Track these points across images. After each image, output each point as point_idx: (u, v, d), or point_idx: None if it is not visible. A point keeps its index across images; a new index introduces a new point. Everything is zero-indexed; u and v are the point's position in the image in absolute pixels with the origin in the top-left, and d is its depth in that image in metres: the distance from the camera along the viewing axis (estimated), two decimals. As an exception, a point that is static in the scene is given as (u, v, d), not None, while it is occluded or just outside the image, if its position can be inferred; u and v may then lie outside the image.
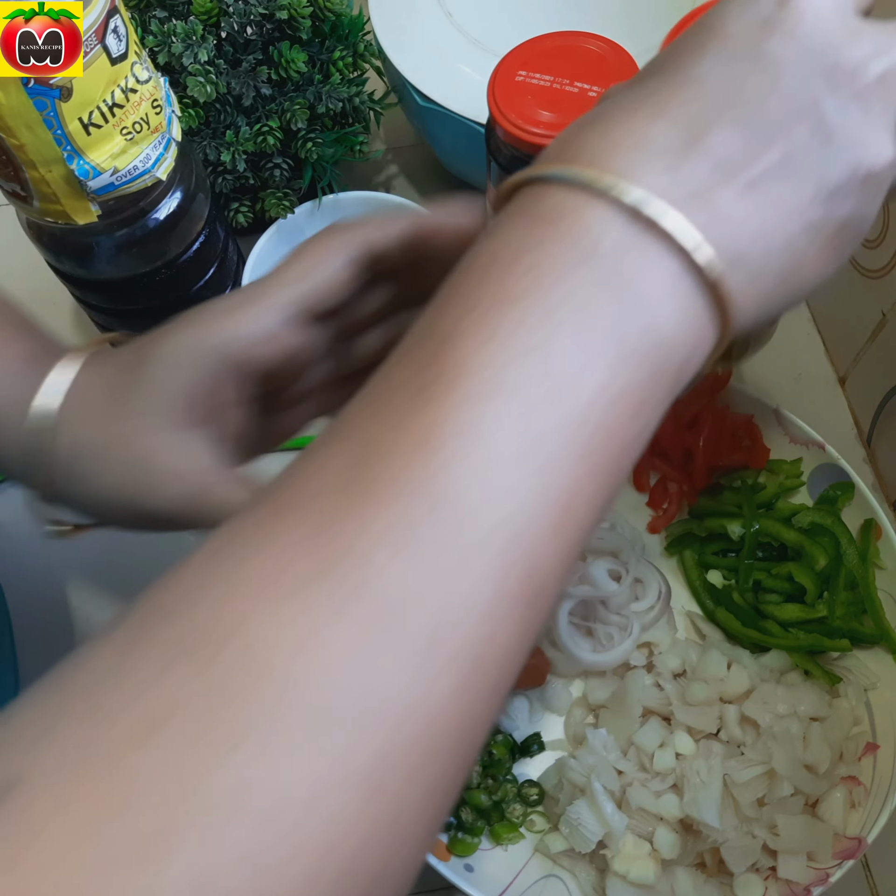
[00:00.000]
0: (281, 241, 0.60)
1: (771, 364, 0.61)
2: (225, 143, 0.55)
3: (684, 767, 0.44)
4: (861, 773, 0.45)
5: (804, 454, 0.52)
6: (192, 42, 0.51)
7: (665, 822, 0.44)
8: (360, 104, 0.58)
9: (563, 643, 0.50)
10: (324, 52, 0.56)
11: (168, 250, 0.49)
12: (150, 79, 0.43)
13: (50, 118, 0.39)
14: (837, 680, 0.48)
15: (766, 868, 0.44)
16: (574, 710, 0.50)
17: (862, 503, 0.50)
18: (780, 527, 0.51)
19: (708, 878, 0.44)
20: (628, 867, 0.43)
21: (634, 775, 0.45)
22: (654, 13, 0.57)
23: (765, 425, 0.53)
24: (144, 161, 0.43)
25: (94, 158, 0.41)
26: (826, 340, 0.62)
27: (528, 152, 0.44)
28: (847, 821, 0.44)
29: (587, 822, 0.43)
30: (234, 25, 0.52)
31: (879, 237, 0.53)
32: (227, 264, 0.56)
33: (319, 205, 0.60)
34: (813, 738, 0.44)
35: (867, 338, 0.56)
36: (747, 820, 0.43)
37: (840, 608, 0.48)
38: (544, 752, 0.49)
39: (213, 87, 0.52)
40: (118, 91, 0.40)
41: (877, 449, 0.58)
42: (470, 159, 0.58)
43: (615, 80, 0.44)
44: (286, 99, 0.55)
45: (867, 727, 0.47)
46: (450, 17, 0.59)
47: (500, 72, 0.45)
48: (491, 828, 0.46)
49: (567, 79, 0.44)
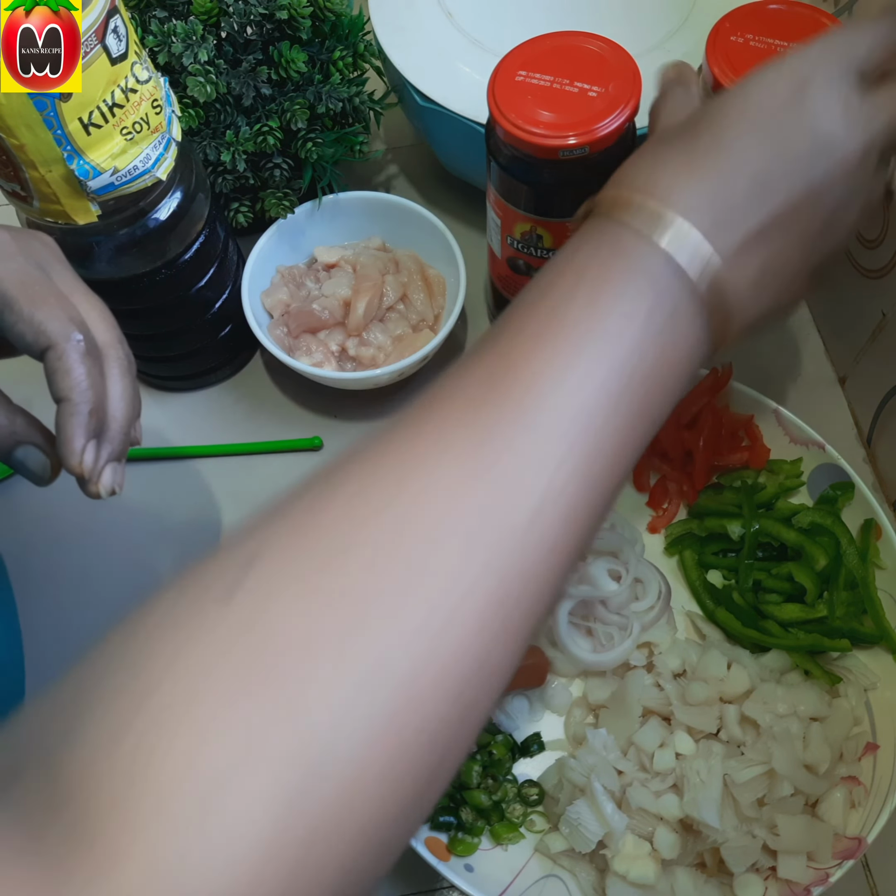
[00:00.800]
0: (281, 242, 0.60)
1: (771, 364, 0.61)
2: (225, 143, 0.55)
3: (684, 767, 0.44)
4: (861, 774, 0.45)
5: (804, 454, 0.52)
6: (192, 42, 0.51)
7: (665, 822, 0.44)
8: (360, 104, 0.58)
9: (563, 643, 0.50)
10: (324, 52, 0.56)
11: (168, 250, 0.49)
12: (150, 79, 0.43)
13: (50, 118, 0.39)
14: (837, 680, 0.48)
15: (766, 868, 0.44)
16: (574, 709, 0.50)
17: (862, 503, 0.50)
18: (780, 527, 0.51)
19: (708, 878, 0.44)
20: (628, 867, 0.43)
21: (634, 775, 0.45)
22: (654, 13, 0.57)
23: (765, 425, 0.53)
24: (144, 161, 0.43)
25: (94, 158, 0.41)
26: (826, 340, 0.62)
27: (529, 152, 0.44)
28: (847, 821, 0.44)
29: (587, 822, 0.43)
30: (234, 25, 0.52)
31: (879, 237, 0.53)
32: (227, 264, 0.56)
33: (319, 205, 0.60)
34: (813, 738, 0.44)
35: (867, 338, 0.56)
36: (747, 820, 0.43)
37: (840, 608, 0.48)
38: (544, 752, 0.49)
39: (213, 87, 0.52)
40: (118, 91, 0.40)
41: (877, 449, 0.58)
42: (470, 159, 0.58)
43: (615, 80, 0.44)
44: (286, 99, 0.55)
45: (867, 727, 0.47)
46: (450, 17, 0.59)
47: (500, 72, 0.45)
48: (491, 828, 0.46)
49: (567, 79, 0.44)
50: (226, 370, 0.62)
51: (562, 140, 0.43)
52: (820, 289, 0.35)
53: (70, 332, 0.33)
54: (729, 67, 0.44)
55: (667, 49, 0.56)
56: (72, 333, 0.33)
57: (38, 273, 0.34)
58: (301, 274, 0.61)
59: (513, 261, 0.53)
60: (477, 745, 0.48)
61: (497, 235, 0.53)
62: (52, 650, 0.53)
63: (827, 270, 0.34)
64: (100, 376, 0.34)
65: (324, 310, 0.58)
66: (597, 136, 0.43)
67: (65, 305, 0.34)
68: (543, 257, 0.51)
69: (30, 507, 0.58)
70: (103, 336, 0.35)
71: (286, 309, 0.60)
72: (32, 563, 0.56)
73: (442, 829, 0.46)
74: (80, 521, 0.57)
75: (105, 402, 0.35)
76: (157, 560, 0.56)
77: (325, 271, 0.62)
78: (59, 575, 0.56)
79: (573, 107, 0.43)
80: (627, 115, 0.43)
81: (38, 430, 0.36)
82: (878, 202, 0.35)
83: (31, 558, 0.56)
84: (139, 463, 0.59)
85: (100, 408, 0.34)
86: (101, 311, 0.36)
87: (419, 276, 0.60)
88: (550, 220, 0.48)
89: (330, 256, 0.62)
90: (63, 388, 0.33)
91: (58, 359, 0.33)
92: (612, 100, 0.43)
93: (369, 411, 0.61)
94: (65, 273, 0.36)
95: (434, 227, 0.59)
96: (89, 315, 0.35)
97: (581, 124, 0.43)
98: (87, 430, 0.34)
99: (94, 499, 0.35)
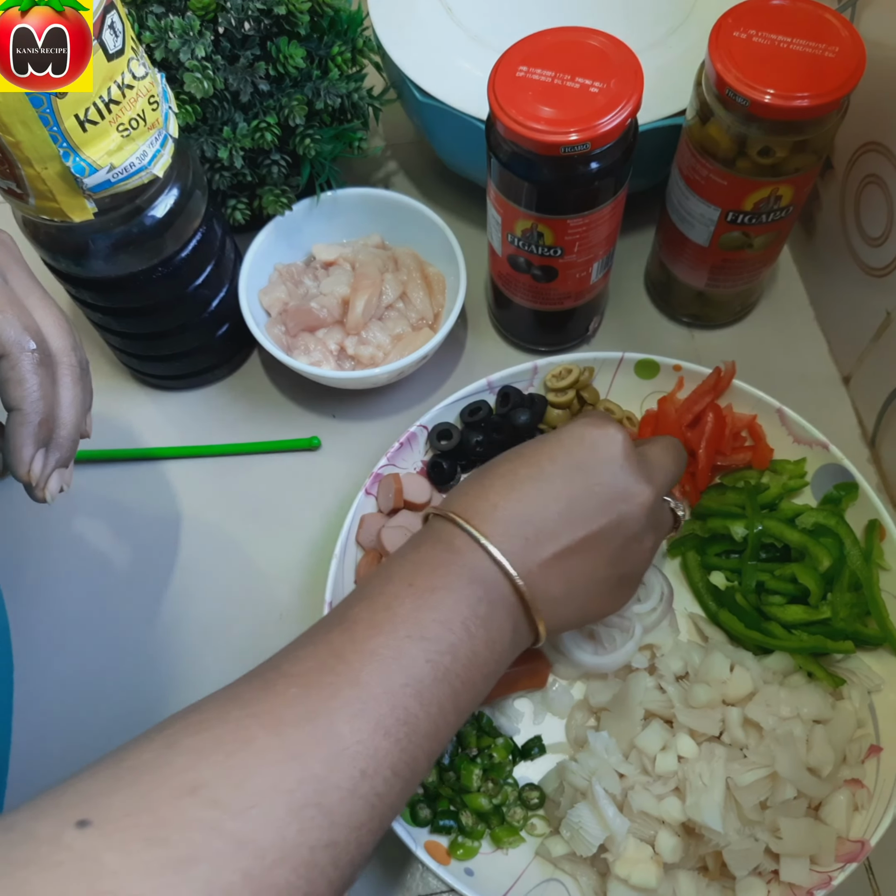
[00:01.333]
0: (279, 239, 0.60)
1: (774, 364, 0.61)
2: (222, 140, 0.54)
3: (686, 770, 0.44)
4: (864, 776, 0.45)
5: (808, 454, 0.52)
6: (189, 38, 0.51)
7: (667, 825, 0.44)
8: (358, 100, 0.58)
9: (565, 646, 0.49)
10: (322, 48, 0.55)
11: (165, 248, 0.49)
12: (147, 75, 0.42)
13: (46, 115, 0.38)
14: (841, 682, 0.47)
15: (768, 871, 0.43)
16: (575, 712, 0.49)
17: (866, 504, 0.49)
18: (784, 528, 0.50)
19: (710, 881, 0.44)
20: (630, 871, 0.43)
21: (636, 778, 0.45)
22: (657, 9, 0.57)
23: (768, 425, 0.53)
24: (141, 158, 0.43)
25: (90, 155, 0.41)
26: (830, 340, 0.62)
27: (529, 148, 0.43)
28: (850, 824, 0.44)
29: (588, 825, 0.43)
30: (232, 21, 0.52)
31: (883, 234, 0.53)
32: (224, 262, 0.55)
33: (318, 202, 0.60)
34: (816, 740, 0.44)
35: (871, 337, 0.56)
36: (750, 823, 0.43)
37: (844, 610, 0.48)
38: (545, 756, 0.49)
39: (210, 83, 0.51)
40: (114, 87, 0.40)
41: (881, 449, 0.57)
42: (470, 156, 0.57)
43: (616, 76, 0.43)
44: (284, 95, 0.54)
45: (871, 729, 0.46)
46: (450, 12, 0.58)
47: (500, 67, 0.44)
48: (491, 831, 0.46)
49: (568, 74, 0.44)
50: (223, 369, 0.61)
51: (563, 136, 0.42)
52: (623, 603, 0.43)
53: (24, 340, 0.34)
54: (732, 63, 0.43)
55: (669, 45, 0.55)
56: (26, 342, 0.34)
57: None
58: (299, 272, 0.61)
59: (513, 258, 0.53)
60: (477, 749, 0.48)
61: (497, 233, 0.52)
62: (44, 651, 0.53)
63: (631, 588, 0.43)
64: (51, 385, 0.35)
65: (322, 308, 0.58)
66: (598, 132, 0.42)
67: (19, 312, 0.34)
68: (544, 255, 0.51)
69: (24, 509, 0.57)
70: (57, 343, 0.36)
71: (284, 307, 0.59)
72: (25, 565, 0.56)
73: (442, 833, 0.46)
74: (76, 521, 0.57)
75: (56, 410, 0.36)
76: (155, 560, 0.56)
77: (324, 269, 0.61)
78: (52, 575, 0.56)
79: (575, 103, 0.43)
80: (629, 112, 0.43)
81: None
82: (669, 526, 0.46)
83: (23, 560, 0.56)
84: (137, 463, 0.59)
85: (50, 417, 0.35)
86: (56, 317, 0.36)
87: (419, 274, 0.60)
88: (552, 217, 0.48)
89: (328, 254, 0.61)
90: (15, 398, 0.34)
91: (11, 368, 0.33)
92: (614, 96, 0.43)
93: (368, 411, 0.60)
94: (21, 275, 0.36)
95: (434, 225, 0.59)
96: (44, 321, 0.35)
97: (583, 120, 0.42)
98: (37, 440, 0.35)
99: (40, 503, 0.36)
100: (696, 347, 0.62)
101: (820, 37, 0.44)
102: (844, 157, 0.56)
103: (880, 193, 0.52)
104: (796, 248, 0.65)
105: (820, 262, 0.62)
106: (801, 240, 0.64)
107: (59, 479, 0.37)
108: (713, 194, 0.50)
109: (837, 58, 0.43)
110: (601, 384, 0.56)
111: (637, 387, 0.56)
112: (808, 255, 0.64)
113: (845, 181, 0.56)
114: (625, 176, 0.47)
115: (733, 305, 0.61)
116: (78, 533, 0.57)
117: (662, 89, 0.52)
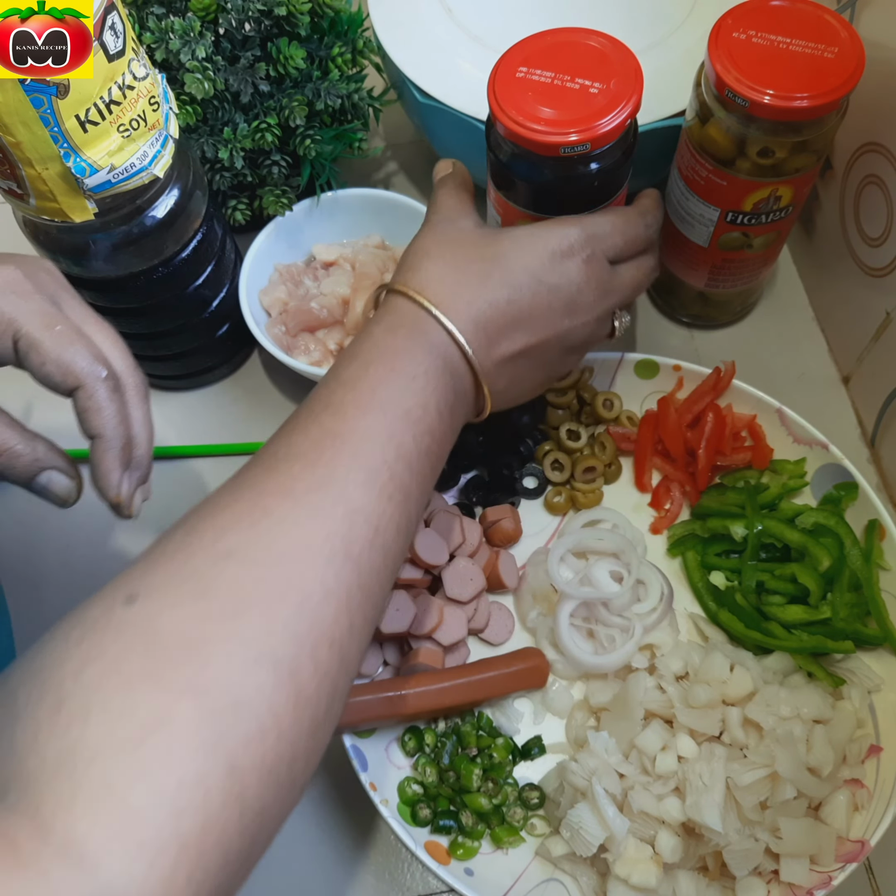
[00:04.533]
0: (279, 239, 0.60)
1: (774, 363, 0.61)
2: (223, 140, 0.54)
3: (686, 770, 0.44)
4: (864, 776, 0.45)
5: (808, 454, 0.52)
6: (190, 38, 0.51)
7: (667, 825, 0.44)
8: (359, 101, 0.58)
9: (565, 645, 0.49)
10: (322, 49, 0.55)
11: (165, 248, 0.49)
12: (148, 75, 0.42)
13: (46, 115, 0.38)
14: (841, 682, 0.47)
15: (768, 871, 0.43)
16: (575, 712, 0.49)
17: (866, 504, 0.49)
18: (784, 527, 0.50)
19: (710, 881, 0.44)
20: (630, 871, 0.43)
21: (636, 778, 0.45)
22: (656, 9, 0.57)
23: (768, 425, 0.53)
24: (141, 158, 0.43)
25: (90, 156, 0.41)
26: (830, 340, 0.62)
27: (529, 149, 0.43)
28: (850, 823, 0.44)
29: (588, 825, 0.43)
30: (233, 22, 0.52)
31: (883, 235, 0.53)
32: (224, 262, 0.55)
33: (318, 202, 0.60)
34: (816, 740, 0.44)
35: (871, 337, 0.56)
36: (750, 823, 0.43)
37: (844, 610, 0.48)
38: (545, 756, 0.49)
39: (210, 84, 0.51)
40: (115, 88, 0.40)
41: (881, 449, 0.57)
42: (470, 156, 0.57)
43: (616, 76, 0.43)
44: (284, 95, 0.54)
45: (871, 729, 0.46)
46: (450, 13, 0.58)
47: (500, 68, 0.44)
48: (491, 831, 0.46)
49: (568, 75, 0.44)
50: (223, 369, 0.61)
51: (563, 137, 0.42)
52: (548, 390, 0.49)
53: (97, 370, 0.35)
54: (731, 64, 0.43)
55: (669, 45, 0.55)
56: (99, 371, 0.35)
57: (55, 310, 0.35)
58: (299, 272, 0.61)
59: (513, 259, 0.53)
60: (477, 749, 0.48)
61: (497, 233, 0.52)
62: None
63: (555, 379, 0.49)
64: (123, 407, 0.36)
65: (322, 308, 0.58)
66: (598, 132, 0.42)
67: (87, 342, 0.35)
68: (544, 255, 0.51)
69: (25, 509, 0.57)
70: (120, 364, 0.37)
71: (284, 307, 0.59)
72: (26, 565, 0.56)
73: (442, 833, 0.46)
74: (76, 522, 0.57)
75: (131, 432, 0.37)
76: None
77: (324, 269, 0.61)
78: (51, 578, 0.56)
79: (574, 103, 0.43)
80: (629, 112, 0.43)
81: (58, 454, 0.37)
82: (603, 339, 0.48)
83: (24, 560, 0.56)
84: (137, 463, 0.59)
85: (129, 440, 0.37)
86: (114, 340, 0.37)
87: (419, 274, 0.60)
88: (551, 217, 0.48)
89: (328, 254, 0.61)
90: (96, 427, 0.35)
91: (88, 398, 0.35)
92: (614, 96, 0.43)
93: (369, 411, 0.60)
94: (74, 303, 0.37)
95: (434, 225, 0.58)
96: (104, 345, 0.36)
97: (582, 121, 0.42)
98: (122, 463, 0.37)
99: (126, 520, 0.38)
100: (695, 347, 0.62)
101: (819, 37, 0.44)
102: (844, 157, 0.56)
103: (880, 194, 0.52)
104: (796, 249, 0.65)
105: (820, 262, 0.62)
106: (800, 240, 0.64)
107: (142, 494, 0.39)
108: (713, 194, 0.50)
109: (837, 58, 0.43)
110: (601, 384, 0.56)
111: (637, 387, 0.56)
112: (808, 255, 0.64)
113: (845, 181, 0.56)
114: (625, 176, 0.47)
115: (733, 305, 0.61)
116: (78, 533, 0.57)
117: (662, 90, 0.52)
